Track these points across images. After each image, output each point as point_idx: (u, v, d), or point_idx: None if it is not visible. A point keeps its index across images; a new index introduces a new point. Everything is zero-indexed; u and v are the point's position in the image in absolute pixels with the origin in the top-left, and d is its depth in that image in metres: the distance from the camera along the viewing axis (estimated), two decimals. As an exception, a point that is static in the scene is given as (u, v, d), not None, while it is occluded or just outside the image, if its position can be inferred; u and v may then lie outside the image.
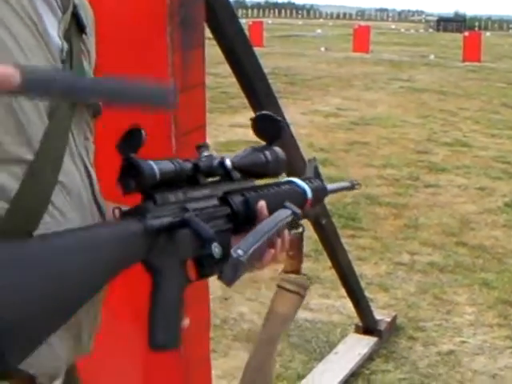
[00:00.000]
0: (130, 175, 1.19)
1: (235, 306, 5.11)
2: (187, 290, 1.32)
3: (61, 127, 1.17)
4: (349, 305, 4.76)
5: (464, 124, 13.35)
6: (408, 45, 35.37)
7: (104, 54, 2.19)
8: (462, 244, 6.72)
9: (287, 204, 1.50)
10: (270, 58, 24.61)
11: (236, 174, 1.43)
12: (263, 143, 1.52)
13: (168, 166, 1.24)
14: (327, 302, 5.33)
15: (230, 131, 11.44)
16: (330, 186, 1.84)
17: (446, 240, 6.83)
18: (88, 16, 1.36)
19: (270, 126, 1.52)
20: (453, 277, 5.92)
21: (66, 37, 1.22)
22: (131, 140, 1.20)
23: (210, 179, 1.39)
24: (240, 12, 70.11)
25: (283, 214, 1.45)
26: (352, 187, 1.96)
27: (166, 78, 2.06)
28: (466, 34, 29.62)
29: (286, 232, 1.46)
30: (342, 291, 4.72)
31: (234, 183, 1.43)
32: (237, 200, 1.40)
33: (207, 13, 2.31)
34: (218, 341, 4.66)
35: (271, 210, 1.43)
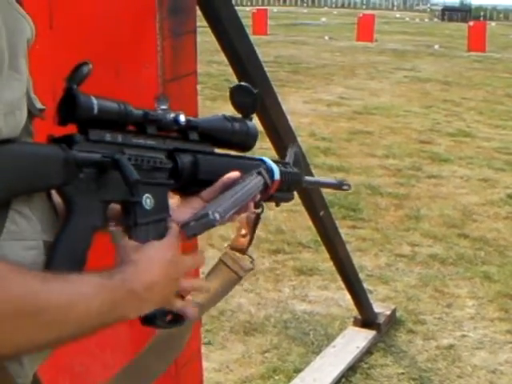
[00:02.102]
0: (67, 105, 1.16)
1: (233, 297, 5.06)
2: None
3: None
4: (348, 297, 4.71)
5: (468, 114, 13.29)
6: (412, 34, 35.24)
7: (92, 42, 2.14)
8: (464, 236, 6.67)
9: (262, 171, 1.52)
10: (273, 46, 24.56)
11: (193, 135, 1.42)
12: None
13: (111, 104, 1.23)
14: (326, 294, 5.28)
15: (232, 119, 11.37)
16: (309, 178, 1.81)
17: (447, 232, 6.77)
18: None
19: (247, 98, 1.52)
20: (454, 269, 5.87)
21: None
22: (77, 73, 1.17)
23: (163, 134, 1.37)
24: (245, 0, 69.97)
25: (258, 183, 1.48)
26: (339, 186, 1.91)
27: (155, 66, 2.01)
28: (471, 23, 29.49)
29: (257, 197, 1.49)
30: (341, 283, 4.66)
31: (187, 143, 1.41)
32: (185, 159, 1.38)
33: (200, -3, 2.26)
34: (215, 333, 4.62)
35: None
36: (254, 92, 1.52)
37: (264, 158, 1.61)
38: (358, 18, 32.06)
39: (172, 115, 1.36)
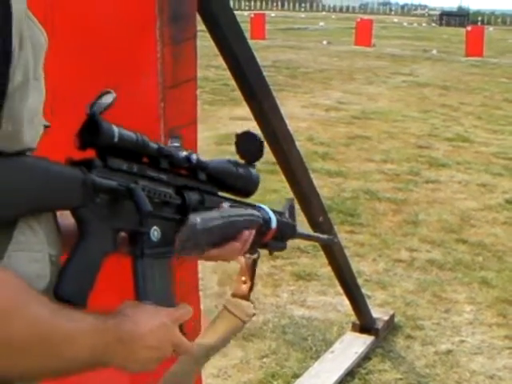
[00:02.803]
0: (89, 131, 1.19)
1: (231, 302, 5.04)
2: (178, 296, 1.33)
3: None
4: (346, 302, 4.71)
5: (466, 119, 13.30)
6: (410, 39, 35.31)
7: (92, 49, 2.14)
8: (462, 241, 6.67)
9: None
10: (271, 50, 24.59)
11: (202, 176, 1.45)
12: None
13: (130, 135, 1.25)
14: (324, 299, 5.28)
15: (231, 124, 11.36)
16: (302, 231, 1.89)
17: (445, 237, 6.77)
18: None
19: (252, 146, 1.56)
20: (452, 274, 5.87)
21: None
22: (101, 100, 1.20)
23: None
24: (243, 4, 70.07)
25: (255, 213, 1.54)
26: (329, 242, 2.00)
27: (155, 73, 2.00)
28: (469, 28, 29.55)
29: (253, 232, 1.51)
30: (340, 288, 4.66)
31: (196, 182, 1.44)
32: (193, 196, 1.41)
33: (199, 2, 2.25)
34: (213, 338, 4.60)
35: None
36: (260, 139, 1.55)
37: (262, 205, 1.66)
38: (356, 22, 32.16)
39: (185, 153, 1.39)
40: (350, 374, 4.31)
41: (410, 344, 4.71)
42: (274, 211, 1.69)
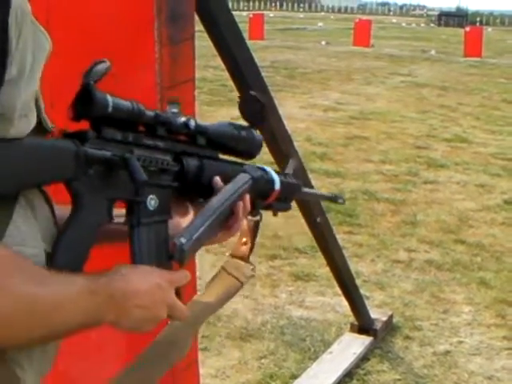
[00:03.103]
0: (83, 101, 1.18)
1: (229, 302, 5.03)
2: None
3: None
4: (344, 303, 4.70)
5: (464, 120, 13.30)
6: (409, 39, 35.31)
7: (89, 50, 2.13)
8: (461, 242, 6.67)
9: (247, 168, 1.56)
10: (269, 51, 24.58)
11: (201, 140, 1.44)
12: None
13: (125, 104, 1.24)
14: (322, 300, 5.28)
15: (228, 124, 11.34)
16: (307, 190, 1.84)
17: (444, 237, 6.77)
18: None
19: (254, 108, 1.55)
20: (450, 275, 5.86)
21: None
22: (95, 69, 1.19)
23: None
24: (241, 4, 70.08)
25: (241, 180, 1.50)
26: (334, 200, 1.94)
27: (153, 73, 2.00)
28: (468, 29, 29.57)
29: (248, 196, 1.50)
30: (338, 289, 4.65)
31: (195, 147, 1.43)
32: (191, 162, 1.41)
33: (197, 2, 2.25)
34: (211, 338, 4.61)
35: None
36: (262, 102, 1.55)
37: (266, 167, 1.64)
38: (354, 23, 32.18)
39: (183, 119, 1.38)
40: (349, 374, 4.30)
41: (408, 345, 4.71)
42: (279, 172, 1.68)
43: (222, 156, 1.53)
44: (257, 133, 1.56)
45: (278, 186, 1.62)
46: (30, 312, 1.06)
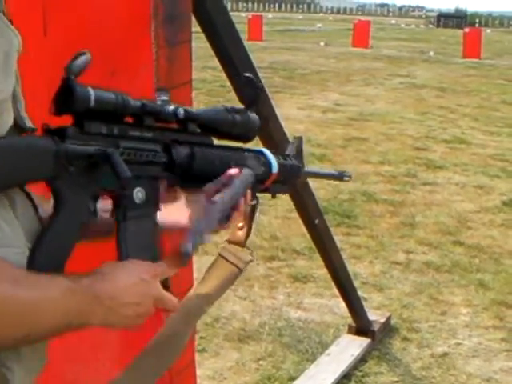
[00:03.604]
0: (63, 96, 1.15)
1: (227, 304, 5.04)
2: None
3: None
4: (342, 304, 4.70)
5: (463, 121, 13.30)
6: (408, 40, 35.30)
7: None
8: (459, 243, 6.66)
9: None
10: (268, 52, 24.58)
11: (193, 127, 1.41)
12: None
13: (108, 95, 1.21)
14: (320, 302, 5.27)
15: (227, 125, 11.33)
16: (310, 169, 1.79)
17: (442, 239, 6.77)
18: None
19: (250, 90, 1.53)
20: (449, 277, 5.86)
21: None
22: (75, 63, 1.16)
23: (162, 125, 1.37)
24: (240, 5, 70.04)
25: (246, 180, 1.48)
26: (340, 177, 1.88)
27: (150, 76, 1.99)
28: (467, 30, 29.56)
29: (249, 192, 1.50)
30: (336, 290, 4.65)
31: (187, 135, 1.40)
32: (182, 151, 1.38)
33: (194, 3, 2.24)
34: (209, 340, 4.60)
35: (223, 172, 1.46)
36: (258, 85, 1.53)
37: (263, 149, 1.62)
38: (353, 24, 32.18)
39: (171, 107, 1.35)
40: (347, 376, 4.30)
41: (406, 346, 4.70)
42: (279, 154, 1.65)
43: (218, 142, 1.51)
44: (253, 115, 1.52)
45: (275, 169, 1.60)
46: (7, 314, 1.04)
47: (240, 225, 1.68)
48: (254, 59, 3.04)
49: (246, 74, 1.55)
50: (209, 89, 15.28)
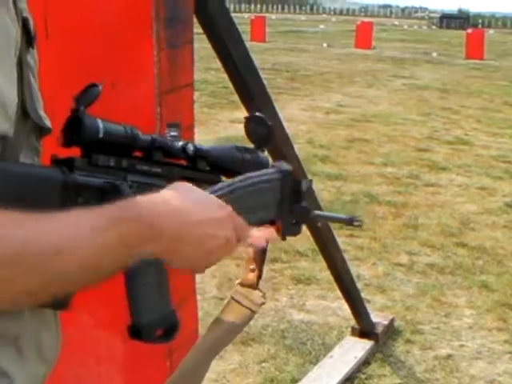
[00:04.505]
0: (72, 127, 1.14)
1: (230, 306, 5.02)
2: (175, 302, 1.27)
3: (12, 156, 1.10)
4: (345, 306, 4.69)
5: (466, 122, 13.28)
6: (411, 41, 35.30)
7: (87, 53, 2.12)
8: (462, 245, 6.65)
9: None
10: (271, 53, 24.59)
11: (202, 165, 1.38)
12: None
13: (117, 129, 1.19)
14: (323, 304, 5.26)
15: (230, 127, 11.35)
16: (319, 212, 1.78)
17: (445, 241, 6.75)
18: (33, 25, 1.25)
19: (260, 129, 1.50)
20: (452, 278, 5.85)
21: (18, 57, 1.12)
22: (86, 94, 1.15)
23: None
24: (243, 7, 70.10)
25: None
26: (350, 223, 1.83)
27: (151, 77, 1.99)
28: (469, 31, 29.54)
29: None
30: (339, 292, 4.64)
31: (196, 172, 1.37)
32: None
33: (196, 5, 2.23)
34: (211, 342, 4.58)
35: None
36: (269, 124, 1.50)
37: None
38: (356, 25, 32.18)
39: (180, 143, 1.33)
40: (350, 379, 4.29)
41: (409, 348, 4.69)
42: None
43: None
44: (263, 155, 1.51)
45: None
46: (20, 255, 0.90)
47: (251, 267, 1.68)
48: (256, 60, 3.03)
49: (257, 114, 1.52)
50: (212, 90, 15.28)
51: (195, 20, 2.38)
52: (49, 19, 1.93)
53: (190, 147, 1.34)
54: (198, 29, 2.61)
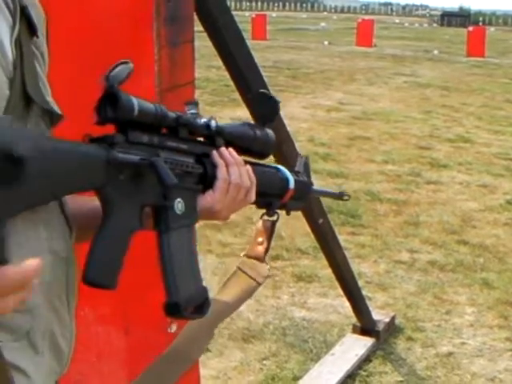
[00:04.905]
0: (108, 104, 1.12)
1: (231, 304, 5.03)
2: None
3: None
4: (347, 304, 4.69)
5: (467, 120, 13.28)
6: (412, 39, 35.30)
7: (87, 51, 2.12)
8: (463, 242, 6.65)
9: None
10: (272, 51, 24.59)
11: (220, 141, 1.40)
12: None
13: (149, 106, 1.20)
14: (325, 301, 5.27)
15: (231, 125, 11.32)
16: (315, 188, 1.80)
17: (446, 238, 6.76)
18: (39, 15, 1.25)
19: (266, 107, 1.52)
20: (453, 276, 5.85)
21: (17, 43, 1.12)
22: (118, 71, 1.13)
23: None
24: (244, 5, 70.10)
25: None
26: (340, 197, 1.91)
27: (152, 76, 1.99)
28: (470, 28, 29.55)
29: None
30: (340, 290, 4.64)
31: (214, 148, 1.39)
32: (211, 165, 1.37)
33: (197, 3, 2.23)
34: (213, 340, 4.58)
35: None
36: (276, 100, 1.52)
37: (279, 166, 1.61)
38: (357, 23, 32.19)
39: (203, 120, 1.35)
40: (351, 376, 4.30)
41: (410, 346, 4.69)
42: (292, 170, 1.65)
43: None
44: (270, 132, 1.51)
45: (292, 185, 1.59)
46: None
47: (260, 240, 1.69)
48: (257, 58, 3.03)
49: (261, 90, 1.53)
50: (213, 88, 15.29)
51: (196, 18, 2.38)
52: (49, 17, 1.93)
53: (213, 123, 1.35)
54: (199, 27, 2.62)
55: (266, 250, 1.69)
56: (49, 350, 1.14)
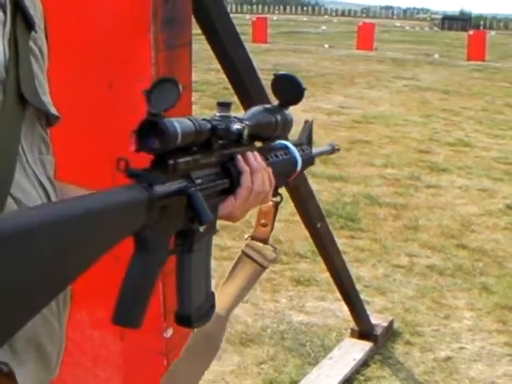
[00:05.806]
0: (151, 133, 1.04)
1: (229, 307, 5.02)
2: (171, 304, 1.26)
3: (7, 144, 1.04)
4: (345, 308, 4.68)
5: (467, 124, 13.27)
6: (412, 43, 35.30)
7: (85, 55, 2.12)
8: (462, 247, 6.64)
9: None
10: (273, 54, 24.59)
11: (245, 140, 1.33)
12: None
13: (189, 126, 1.12)
14: (323, 305, 5.26)
15: (230, 128, 11.32)
16: (313, 152, 1.77)
17: (445, 242, 6.75)
18: (36, 8, 1.21)
19: (291, 89, 1.49)
20: (452, 280, 5.84)
21: (12, 40, 1.08)
22: (164, 96, 1.06)
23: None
24: (245, 8, 70.15)
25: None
26: (332, 151, 1.86)
27: (149, 79, 1.98)
28: (471, 32, 29.52)
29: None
30: (339, 294, 4.63)
31: (239, 147, 1.32)
32: (235, 167, 1.31)
33: (195, 6, 2.22)
34: (210, 343, 4.58)
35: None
36: (303, 87, 1.49)
37: (288, 144, 1.56)
38: (357, 26, 32.18)
39: (235, 127, 1.26)
40: (349, 380, 4.29)
41: (409, 350, 4.68)
42: (297, 145, 1.60)
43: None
44: (288, 113, 1.47)
45: (299, 166, 1.55)
46: None
47: (263, 222, 1.66)
48: (258, 61, 3.03)
49: (285, 72, 1.52)
50: (213, 91, 15.28)
51: (194, 21, 2.38)
52: (45, 22, 1.93)
53: (245, 131, 1.29)
54: (198, 30, 2.61)
55: (270, 232, 1.66)
56: (34, 357, 1.12)
